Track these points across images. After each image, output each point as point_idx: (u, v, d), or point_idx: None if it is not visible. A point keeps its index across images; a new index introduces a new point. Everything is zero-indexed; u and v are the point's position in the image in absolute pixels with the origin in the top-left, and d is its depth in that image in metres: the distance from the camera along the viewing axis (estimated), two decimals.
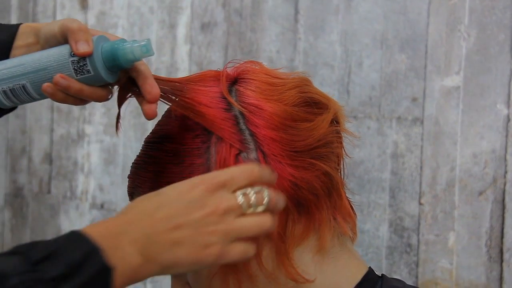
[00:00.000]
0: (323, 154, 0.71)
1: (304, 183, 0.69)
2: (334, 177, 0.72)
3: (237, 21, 1.55)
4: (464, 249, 1.30)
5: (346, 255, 0.73)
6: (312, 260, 0.71)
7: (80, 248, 0.56)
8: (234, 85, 0.73)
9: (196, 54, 1.60)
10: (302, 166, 0.69)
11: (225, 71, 0.74)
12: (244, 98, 0.71)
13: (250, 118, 0.69)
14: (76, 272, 0.54)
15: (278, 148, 0.68)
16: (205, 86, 0.72)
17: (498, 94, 1.28)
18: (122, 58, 0.71)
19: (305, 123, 0.71)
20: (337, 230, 0.72)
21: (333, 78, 1.42)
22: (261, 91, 0.71)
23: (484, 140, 1.29)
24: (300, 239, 0.70)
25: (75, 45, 0.70)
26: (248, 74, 0.73)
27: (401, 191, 1.36)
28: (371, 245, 1.38)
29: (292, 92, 0.72)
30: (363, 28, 1.41)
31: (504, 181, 1.27)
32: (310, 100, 0.73)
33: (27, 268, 0.53)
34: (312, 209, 0.70)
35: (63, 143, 1.84)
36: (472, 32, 1.30)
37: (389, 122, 1.38)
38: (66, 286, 0.54)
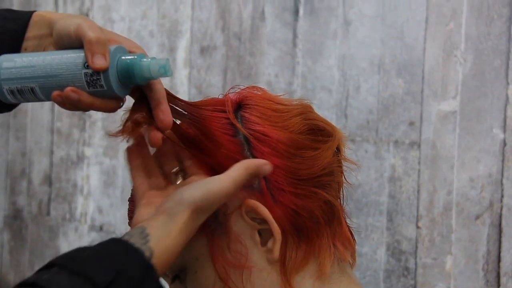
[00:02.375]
0: (325, 182, 0.71)
1: (305, 212, 0.69)
2: (335, 205, 0.72)
3: (236, 45, 1.56)
4: (461, 273, 1.30)
5: (345, 281, 0.73)
6: (313, 286, 0.71)
7: (138, 269, 0.57)
8: (239, 111, 0.73)
9: (195, 77, 1.62)
10: (304, 194, 0.70)
11: (228, 97, 0.74)
12: (250, 125, 0.71)
13: (256, 145, 0.70)
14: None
15: (282, 176, 0.69)
16: (213, 111, 0.72)
17: (494, 118, 1.29)
18: (138, 75, 0.68)
19: (310, 151, 0.71)
20: (337, 256, 0.73)
21: (331, 102, 1.43)
22: (266, 117, 0.72)
23: (480, 164, 1.29)
24: (300, 265, 0.70)
25: (91, 58, 0.65)
26: (252, 100, 0.73)
27: (399, 215, 1.37)
28: (369, 268, 1.39)
29: (297, 119, 0.72)
30: (361, 52, 1.42)
31: (501, 205, 1.28)
32: (315, 128, 0.73)
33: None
34: (313, 236, 0.70)
35: (62, 165, 1.85)
36: (469, 57, 1.31)
37: (387, 146, 1.39)
38: None
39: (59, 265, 0.56)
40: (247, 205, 0.68)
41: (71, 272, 0.55)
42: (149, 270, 0.58)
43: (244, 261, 0.69)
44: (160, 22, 1.68)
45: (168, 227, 0.62)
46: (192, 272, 0.71)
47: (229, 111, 0.72)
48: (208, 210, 0.65)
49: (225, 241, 0.69)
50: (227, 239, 0.69)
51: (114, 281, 0.55)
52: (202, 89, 1.61)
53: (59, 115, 1.82)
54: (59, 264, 0.56)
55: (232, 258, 0.69)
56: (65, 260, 0.56)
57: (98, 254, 0.57)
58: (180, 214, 0.63)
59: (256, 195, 0.69)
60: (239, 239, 0.69)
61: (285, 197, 0.69)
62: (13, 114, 1.91)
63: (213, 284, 0.70)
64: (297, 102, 0.75)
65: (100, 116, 1.74)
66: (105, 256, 0.57)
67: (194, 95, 1.61)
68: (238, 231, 0.69)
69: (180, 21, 1.65)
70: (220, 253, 0.69)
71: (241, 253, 0.69)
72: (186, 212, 0.63)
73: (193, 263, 0.71)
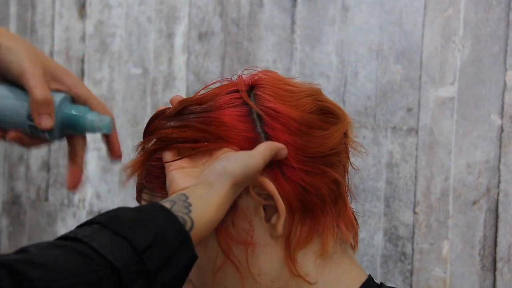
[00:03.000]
0: (333, 162, 0.73)
1: (313, 188, 0.71)
2: (342, 185, 0.74)
3: (234, 31, 1.56)
4: (458, 258, 1.31)
5: (347, 261, 0.74)
6: (314, 263, 0.72)
7: (175, 237, 0.59)
8: (252, 90, 0.74)
9: (193, 64, 1.61)
10: (313, 172, 0.71)
11: (241, 78, 0.76)
12: (263, 102, 0.73)
13: (268, 121, 0.71)
14: (172, 263, 0.58)
15: (292, 153, 0.70)
16: (226, 94, 0.74)
17: (492, 104, 1.29)
18: (80, 128, 0.71)
19: (320, 131, 0.73)
20: (340, 237, 0.74)
21: (329, 88, 1.43)
22: (278, 96, 0.73)
23: (478, 150, 1.30)
24: (304, 242, 0.71)
25: (38, 118, 0.69)
26: (264, 81, 0.75)
27: (396, 200, 1.37)
28: (366, 253, 1.40)
29: (308, 100, 0.74)
30: (359, 39, 1.42)
31: (498, 191, 1.28)
32: (325, 109, 0.75)
33: (134, 260, 0.56)
34: (318, 213, 0.72)
35: (60, 151, 1.85)
36: (467, 43, 1.32)
37: (384, 132, 1.39)
38: (163, 274, 0.57)
39: (101, 224, 0.58)
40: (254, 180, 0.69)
41: (113, 232, 0.57)
42: (186, 241, 0.60)
43: (247, 238, 0.70)
44: (158, 8, 1.68)
45: (210, 199, 0.64)
46: None
47: (242, 90, 0.73)
48: (244, 185, 0.68)
49: (230, 216, 0.70)
50: (232, 214, 0.70)
51: (152, 245, 0.57)
52: (200, 75, 1.61)
53: None
54: (101, 223, 0.58)
55: (236, 234, 0.70)
56: (107, 219, 0.58)
57: (140, 218, 0.59)
58: (221, 186, 0.65)
59: (266, 170, 0.70)
60: (244, 215, 0.70)
61: (294, 174, 0.70)
62: None
63: (215, 257, 0.71)
64: (308, 85, 0.76)
65: None
66: (146, 221, 0.59)
67: (192, 81, 1.61)
68: (244, 206, 0.70)
69: (178, 7, 1.64)
70: (224, 228, 0.70)
71: (245, 230, 0.70)
72: (227, 185, 0.66)
73: None
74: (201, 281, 0.73)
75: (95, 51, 1.72)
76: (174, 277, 0.59)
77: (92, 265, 0.54)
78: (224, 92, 0.74)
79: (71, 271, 0.53)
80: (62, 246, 0.55)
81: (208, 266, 0.72)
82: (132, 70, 1.67)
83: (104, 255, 0.55)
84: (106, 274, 0.54)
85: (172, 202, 0.63)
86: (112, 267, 0.55)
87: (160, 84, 1.66)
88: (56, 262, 0.53)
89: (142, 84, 1.67)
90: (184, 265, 0.60)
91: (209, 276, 0.72)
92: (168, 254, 0.58)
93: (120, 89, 1.70)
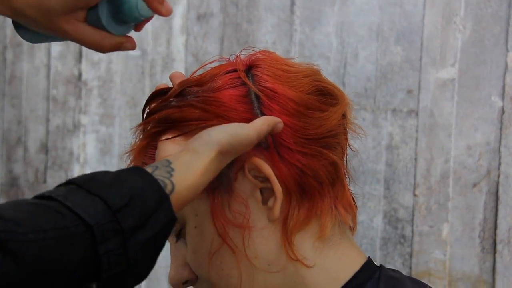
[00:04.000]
0: (331, 144, 0.72)
1: (310, 171, 0.70)
2: (340, 167, 0.73)
3: (233, 12, 1.55)
4: (458, 240, 1.31)
5: (346, 244, 0.74)
6: (313, 246, 0.71)
7: (153, 198, 0.58)
8: (250, 71, 0.74)
9: (192, 45, 1.60)
10: (310, 154, 0.70)
11: (239, 58, 0.75)
12: (261, 82, 0.72)
13: (266, 102, 0.71)
14: (149, 224, 0.57)
15: (290, 134, 0.70)
16: (225, 74, 0.73)
17: (493, 86, 1.28)
18: (127, 11, 0.71)
19: (318, 112, 0.72)
20: (338, 219, 0.73)
21: (329, 69, 1.42)
22: (276, 76, 0.72)
23: (478, 132, 1.29)
24: (302, 224, 0.71)
25: None
26: (262, 61, 0.75)
27: (396, 183, 1.37)
28: (365, 236, 1.39)
29: (307, 80, 0.73)
30: (359, 19, 1.41)
31: (498, 173, 1.28)
32: (324, 90, 0.74)
33: (108, 218, 0.55)
34: (315, 196, 0.71)
35: (59, 133, 1.84)
36: (468, 24, 1.30)
37: (384, 114, 1.38)
38: (140, 234, 0.56)
39: (77, 184, 0.57)
40: (250, 163, 0.69)
41: (88, 191, 0.56)
42: (165, 202, 0.59)
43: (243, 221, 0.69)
44: None
45: (194, 165, 0.63)
46: (191, 227, 0.72)
47: (240, 70, 0.73)
48: (232, 154, 0.67)
49: (227, 199, 0.70)
50: (228, 197, 0.70)
51: (128, 205, 0.56)
52: (198, 56, 1.59)
53: (55, 83, 1.81)
54: (77, 184, 0.57)
55: (232, 217, 0.70)
56: (83, 180, 0.58)
57: (118, 179, 0.58)
58: (206, 153, 0.64)
59: (262, 152, 0.69)
60: (240, 198, 0.70)
61: (291, 156, 0.69)
62: (8, 81, 1.90)
63: (211, 240, 0.70)
64: (306, 66, 0.76)
65: (96, 83, 1.73)
66: (123, 182, 0.58)
67: (191, 63, 1.60)
68: (240, 189, 0.70)
69: None
70: (220, 211, 0.70)
71: (241, 213, 0.69)
72: (212, 152, 0.64)
73: (192, 218, 0.71)
74: (197, 265, 0.73)
75: None
76: (151, 238, 0.57)
77: (64, 221, 0.53)
78: (222, 72, 0.73)
79: (40, 226, 0.52)
80: (35, 204, 0.55)
81: (204, 249, 0.71)
82: (130, 51, 1.66)
83: (76, 212, 0.54)
84: (79, 231, 0.53)
85: (154, 167, 0.62)
86: (85, 224, 0.54)
87: (159, 66, 1.65)
88: (26, 217, 0.52)
89: (141, 66, 1.66)
90: (162, 226, 0.58)
91: (205, 260, 0.71)
92: (145, 214, 0.57)
93: (119, 71, 1.69)
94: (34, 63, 1.81)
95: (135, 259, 0.56)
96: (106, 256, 0.54)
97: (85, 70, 1.73)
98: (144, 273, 0.58)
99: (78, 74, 1.74)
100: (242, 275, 0.71)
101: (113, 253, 0.55)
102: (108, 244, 0.54)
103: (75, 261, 0.53)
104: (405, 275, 0.76)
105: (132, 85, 1.68)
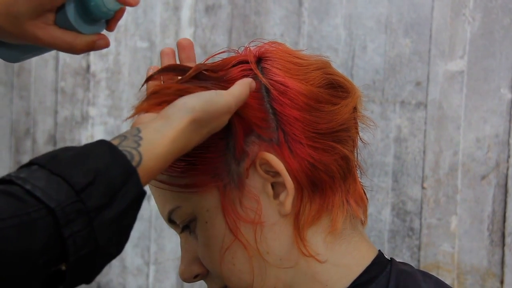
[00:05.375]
0: (342, 138, 0.72)
1: (321, 165, 0.70)
2: (351, 161, 0.73)
3: (242, 3, 1.55)
4: (466, 233, 1.31)
5: (357, 238, 0.74)
6: (324, 241, 0.71)
7: (119, 173, 0.56)
8: (260, 63, 0.73)
9: (200, 37, 1.60)
10: (322, 148, 0.70)
11: (248, 49, 0.74)
12: (272, 75, 0.71)
13: (276, 96, 0.70)
14: (116, 200, 0.55)
15: (300, 128, 0.69)
16: (236, 66, 0.72)
17: (502, 78, 1.27)
18: (94, 8, 0.70)
19: (329, 105, 0.71)
20: (350, 212, 0.73)
21: (337, 61, 1.42)
22: (286, 69, 0.72)
23: (487, 125, 1.29)
24: (313, 219, 0.71)
25: None
26: (272, 53, 0.74)
27: (404, 175, 1.37)
28: (374, 228, 1.39)
29: (317, 73, 0.72)
30: (368, 11, 1.40)
31: (507, 166, 1.27)
32: (335, 83, 0.73)
33: (72, 199, 0.53)
34: (327, 190, 0.71)
35: (67, 125, 1.84)
36: (477, 16, 1.30)
37: (393, 106, 1.38)
38: (107, 212, 0.55)
39: (40, 164, 0.55)
40: (261, 158, 0.69)
41: (50, 171, 0.54)
42: (132, 176, 0.57)
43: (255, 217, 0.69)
44: None
45: (164, 132, 0.61)
46: (203, 222, 0.71)
47: (251, 61, 0.72)
48: (207, 123, 0.64)
49: (238, 195, 0.69)
50: (239, 194, 0.69)
51: (92, 182, 0.54)
52: (207, 48, 1.59)
53: (63, 75, 1.81)
54: (40, 163, 0.55)
55: (243, 213, 0.69)
56: (45, 159, 0.55)
57: (81, 155, 0.56)
58: (178, 120, 0.61)
59: (274, 147, 0.69)
60: (251, 194, 0.69)
61: (302, 150, 0.69)
62: (17, 73, 1.90)
63: (222, 235, 0.70)
64: (316, 58, 0.75)
65: (105, 75, 1.73)
66: (87, 158, 0.56)
67: (199, 55, 1.59)
68: (251, 185, 0.69)
69: None
70: (232, 207, 0.69)
71: (253, 209, 0.69)
72: (185, 119, 0.62)
73: (203, 214, 0.71)
74: (208, 260, 0.73)
75: None
76: (119, 215, 0.55)
77: (24, 207, 0.51)
78: (233, 63, 0.73)
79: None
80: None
81: (216, 245, 0.71)
82: (139, 43, 1.66)
83: (37, 196, 0.52)
84: (40, 216, 0.51)
85: (123, 137, 0.59)
86: (47, 207, 0.52)
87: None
88: None
89: (149, 58, 1.66)
90: (129, 201, 0.56)
91: (217, 256, 0.71)
92: (111, 191, 0.55)
93: (127, 63, 1.69)
94: (43, 55, 1.81)
95: (104, 239, 0.54)
96: (72, 239, 0.52)
97: (93, 62, 1.73)
98: (114, 251, 0.57)
99: (87, 66, 1.75)
100: (254, 270, 0.71)
101: (79, 234, 0.53)
102: (73, 226, 0.52)
103: (38, 248, 0.51)
104: (416, 268, 0.76)
105: (140, 77, 1.68)
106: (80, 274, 0.55)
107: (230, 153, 0.70)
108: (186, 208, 0.71)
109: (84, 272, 0.55)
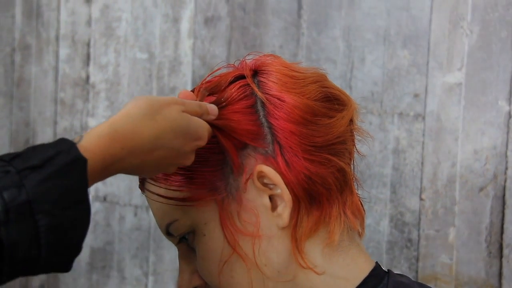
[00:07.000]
0: (339, 150, 0.72)
1: (318, 178, 0.70)
2: (348, 173, 0.73)
3: (241, 15, 1.55)
4: (464, 245, 1.31)
5: (354, 250, 0.74)
6: (322, 253, 0.71)
7: (56, 146, 0.58)
8: (256, 77, 0.73)
9: (199, 48, 1.61)
10: (318, 161, 0.70)
11: (244, 63, 0.75)
12: (268, 89, 0.72)
13: (271, 110, 0.70)
14: (46, 164, 0.56)
15: (296, 142, 0.70)
16: (231, 82, 0.73)
17: (499, 90, 1.28)
18: None
19: (325, 119, 0.72)
20: (347, 224, 0.73)
21: (336, 73, 1.43)
22: (282, 83, 0.72)
23: (485, 137, 1.29)
24: (310, 232, 0.71)
25: None
26: (268, 66, 0.74)
27: (402, 187, 1.37)
28: (372, 239, 1.39)
29: (313, 87, 0.73)
30: (366, 23, 1.41)
31: (505, 177, 1.28)
32: (331, 96, 0.74)
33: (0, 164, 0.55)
34: (324, 202, 0.71)
35: (66, 136, 1.85)
36: (475, 28, 1.31)
37: (391, 118, 1.38)
38: (33, 175, 0.55)
39: None
40: (258, 171, 0.69)
41: None
42: (64, 143, 0.58)
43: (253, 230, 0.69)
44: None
45: (108, 120, 0.64)
46: (201, 235, 0.71)
47: (248, 76, 0.72)
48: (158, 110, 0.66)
49: (236, 208, 0.69)
50: (237, 207, 0.69)
51: (23, 153, 0.56)
52: (206, 60, 1.60)
53: (63, 86, 1.82)
54: None
55: (242, 227, 0.70)
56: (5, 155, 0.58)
57: (32, 148, 0.58)
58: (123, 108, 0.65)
59: (270, 160, 0.69)
60: (249, 207, 0.69)
61: (299, 163, 0.69)
62: (17, 84, 1.91)
63: (221, 248, 0.70)
64: (313, 71, 0.75)
65: (104, 86, 1.73)
66: (34, 149, 0.58)
67: (198, 67, 1.60)
68: (249, 198, 0.70)
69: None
70: (230, 220, 0.70)
71: (251, 222, 0.69)
72: (128, 105, 0.66)
73: (201, 227, 0.71)
74: (206, 272, 0.73)
75: (101, 36, 1.71)
76: (53, 174, 0.56)
77: None
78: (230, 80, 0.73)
79: None
80: None
81: (214, 258, 0.71)
82: (138, 54, 1.66)
83: None
84: None
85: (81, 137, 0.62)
86: None
87: (166, 69, 1.65)
88: None
89: (148, 69, 1.67)
90: (64, 163, 0.57)
91: (215, 268, 0.71)
92: (44, 158, 0.56)
93: (126, 74, 1.70)
94: (42, 66, 1.81)
95: (37, 193, 0.55)
96: None
97: (92, 73, 1.73)
98: (50, 210, 0.56)
99: (86, 77, 1.75)
100: (253, 283, 0.71)
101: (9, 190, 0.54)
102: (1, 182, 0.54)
103: None
104: (413, 280, 0.76)
105: (140, 88, 1.68)
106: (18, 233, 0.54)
107: (228, 167, 0.70)
108: (184, 221, 0.72)
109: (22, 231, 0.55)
